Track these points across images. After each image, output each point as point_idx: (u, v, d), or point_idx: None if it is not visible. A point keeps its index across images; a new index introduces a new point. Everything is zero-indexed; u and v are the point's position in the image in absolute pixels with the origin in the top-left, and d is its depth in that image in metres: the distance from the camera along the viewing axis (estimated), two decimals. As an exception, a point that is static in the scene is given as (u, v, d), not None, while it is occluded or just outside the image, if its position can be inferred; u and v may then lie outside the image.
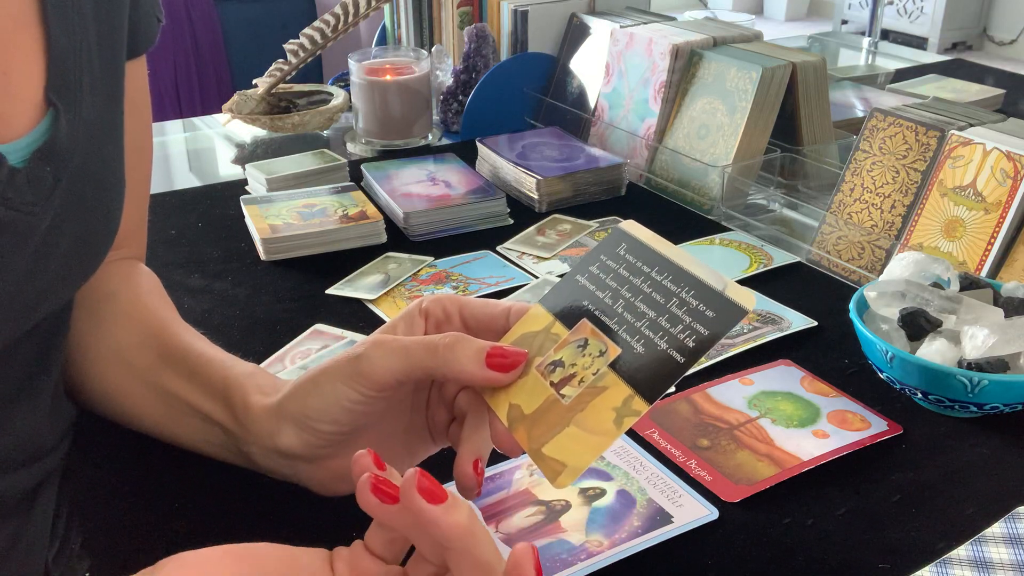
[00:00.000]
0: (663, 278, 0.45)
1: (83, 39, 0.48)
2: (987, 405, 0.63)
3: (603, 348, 0.44)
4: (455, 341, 0.45)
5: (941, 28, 4.58)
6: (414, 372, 0.46)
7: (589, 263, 0.48)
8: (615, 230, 0.49)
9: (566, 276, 0.49)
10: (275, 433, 0.50)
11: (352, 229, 0.93)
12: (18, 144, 0.44)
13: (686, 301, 0.43)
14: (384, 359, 0.46)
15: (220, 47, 2.91)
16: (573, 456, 0.41)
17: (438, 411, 0.51)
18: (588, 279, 0.48)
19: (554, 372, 0.45)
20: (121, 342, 0.58)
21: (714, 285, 0.43)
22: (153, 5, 0.58)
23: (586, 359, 0.44)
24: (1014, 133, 0.80)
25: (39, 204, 0.44)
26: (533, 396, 0.44)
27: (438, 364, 0.45)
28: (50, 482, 0.53)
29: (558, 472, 0.41)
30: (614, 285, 0.46)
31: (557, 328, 0.47)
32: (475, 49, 1.28)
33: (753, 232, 0.97)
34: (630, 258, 0.47)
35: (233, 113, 1.27)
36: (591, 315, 0.46)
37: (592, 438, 0.41)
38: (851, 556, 0.53)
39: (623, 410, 0.41)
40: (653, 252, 0.46)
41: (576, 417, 0.42)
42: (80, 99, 0.47)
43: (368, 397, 0.47)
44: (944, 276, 0.70)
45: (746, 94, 1.01)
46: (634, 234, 0.48)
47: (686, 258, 0.45)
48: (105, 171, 0.50)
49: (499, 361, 0.45)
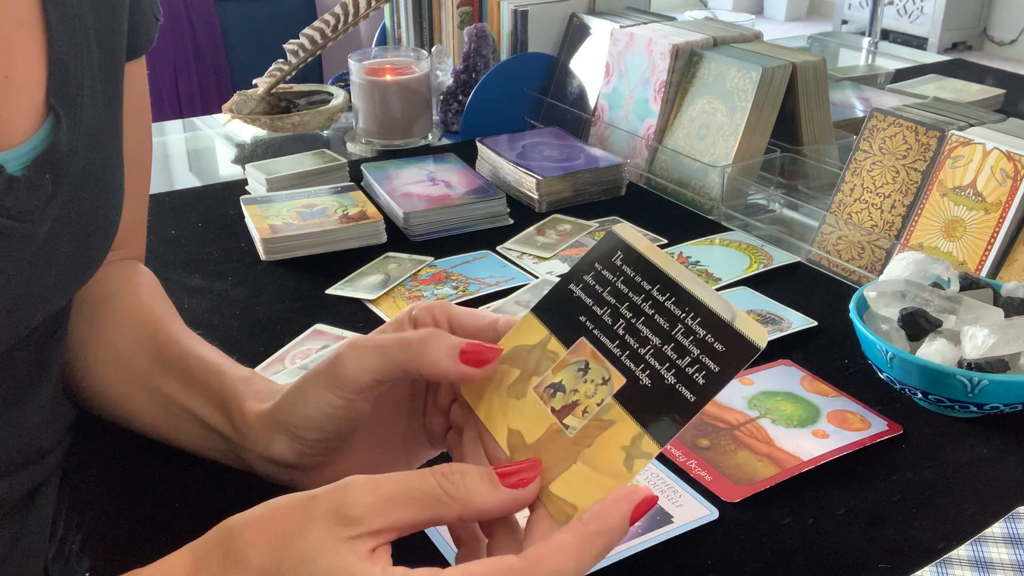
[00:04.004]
0: (665, 299, 0.42)
1: (83, 42, 0.48)
2: (987, 405, 0.63)
3: (606, 375, 0.42)
4: (429, 336, 0.44)
5: (941, 28, 4.58)
6: (389, 369, 0.45)
7: (583, 271, 0.46)
8: (608, 234, 0.47)
9: (558, 284, 0.47)
10: (269, 442, 0.50)
11: (352, 229, 0.93)
12: (18, 151, 0.44)
13: (692, 330, 0.41)
14: (358, 359, 0.45)
15: (220, 47, 2.91)
16: (582, 497, 0.39)
17: (434, 418, 0.50)
18: (584, 291, 0.45)
19: (554, 397, 0.42)
20: (119, 344, 0.58)
21: (722, 314, 0.40)
22: (152, 5, 0.58)
23: (589, 386, 0.42)
24: (1014, 133, 0.80)
25: (37, 212, 0.44)
26: (534, 423, 0.42)
27: (412, 358, 0.44)
28: (49, 483, 0.53)
29: (569, 515, 0.39)
30: (612, 301, 0.44)
31: (553, 345, 0.44)
32: (475, 49, 1.28)
33: (753, 232, 0.97)
34: (628, 271, 0.45)
35: (233, 113, 1.27)
36: (590, 334, 0.44)
37: (602, 479, 0.39)
38: (851, 556, 0.53)
39: (632, 450, 0.39)
40: (652, 267, 0.44)
41: (583, 453, 0.40)
42: (81, 103, 0.47)
43: (348, 400, 0.46)
44: (944, 276, 0.70)
45: (746, 94, 1.01)
46: (630, 242, 0.45)
47: (687, 277, 0.43)
48: (105, 176, 0.50)
49: (473, 357, 0.44)
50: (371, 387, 0.46)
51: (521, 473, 0.39)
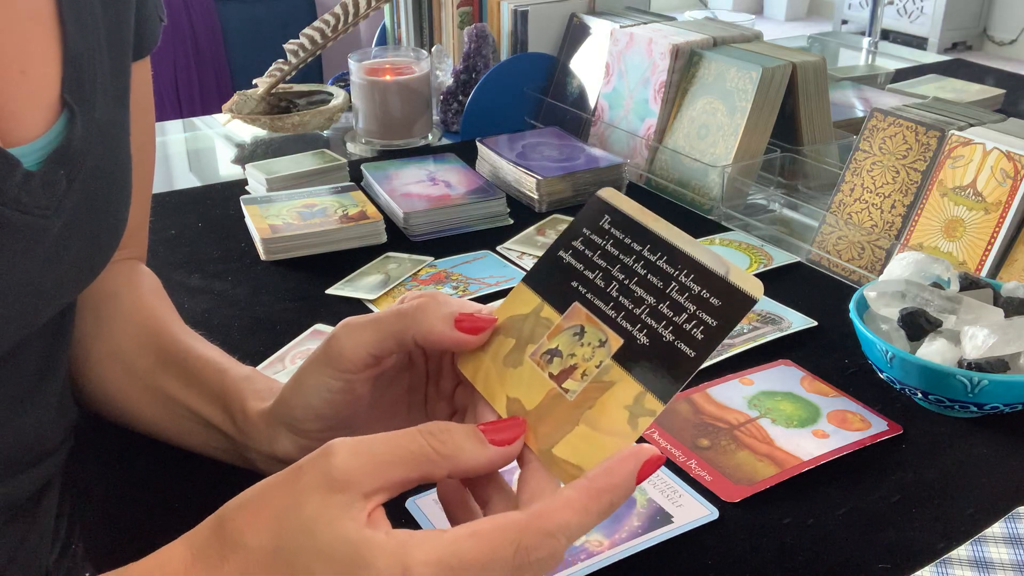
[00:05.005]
0: (657, 258, 0.42)
1: (96, 38, 0.48)
2: (987, 405, 0.63)
3: (602, 337, 0.41)
4: (424, 303, 0.44)
5: (941, 28, 4.58)
6: (385, 342, 0.44)
7: (572, 237, 0.45)
8: (593, 199, 0.46)
9: (547, 252, 0.46)
10: (272, 439, 0.50)
11: (352, 229, 0.93)
12: (33, 146, 0.44)
13: (687, 286, 0.40)
14: (352, 335, 0.45)
15: (220, 47, 2.91)
16: (587, 458, 0.39)
17: (437, 406, 0.50)
18: (573, 256, 0.44)
19: (551, 362, 0.42)
20: (121, 343, 0.58)
21: (716, 269, 0.40)
22: (156, 5, 0.58)
23: (585, 349, 0.41)
24: (1014, 133, 0.80)
25: (52, 207, 0.44)
26: (532, 389, 0.42)
27: (406, 326, 0.43)
28: (54, 483, 0.53)
29: (575, 477, 0.38)
30: (603, 264, 0.43)
31: (547, 312, 0.44)
32: (475, 49, 1.28)
33: (753, 232, 0.97)
34: (617, 233, 0.44)
35: (233, 113, 1.27)
36: (583, 298, 0.43)
37: (606, 439, 0.39)
38: (851, 556, 0.53)
39: (636, 409, 0.39)
40: (641, 227, 0.43)
41: (585, 415, 0.40)
42: (93, 100, 0.47)
43: (346, 381, 0.45)
44: (944, 276, 0.70)
45: (746, 94, 1.01)
46: (617, 205, 0.45)
47: (678, 235, 0.42)
48: (115, 172, 0.50)
49: (468, 324, 0.43)
50: (368, 364, 0.45)
51: (505, 431, 0.39)
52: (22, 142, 0.43)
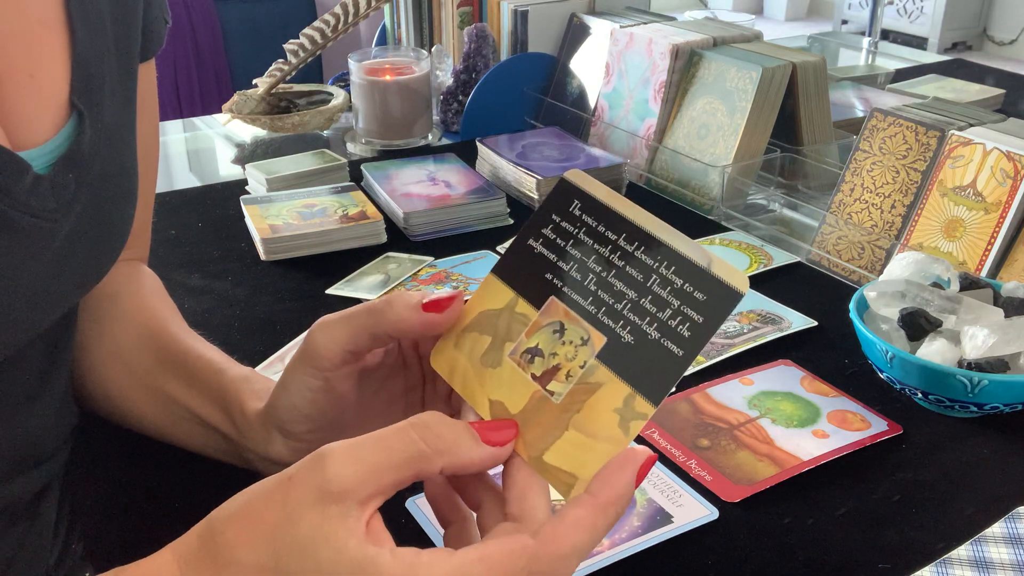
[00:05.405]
0: (634, 248, 0.40)
1: (104, 42, 0.48)
2: (987, 405, 0.63)
3: (584, 335, 0.39)
4: (393, 297, 0.44)
5: (941, 28, 4.58)
6: (358, 337, 0.44)
7: (541, 224, 0.42)
8: (560, 182, 0.43)
9: (516, 240, 0.43)
10: (267, 441, 0.50)
11: (352, 229, 0.93)
12: (42, 150, 0.44)
13: (668, 279, 0.38)
14: (327, 332, 0.45)
15: (220, 47, 2.91)
16: (581, 466, 0.37)
17: (434, 408, 0.50)
18: (544, 245, 0.42)
19: (533, 363, 0.40)
20: (121, 343, 0.58)
21: (697, 261, 0.38)
22: (161, 7, 0.58)
23: (568, 348, 0.39)
24: (1014, 133, 0.80)
25: (61, 211, 0.44)
26: (515, 392, 0.40)
27: (377, 320, 0.43)
28: (54, 485, 0.53)
29: (570, 485, 0.37)
30: (577, 254, 0.41)
31: (522, 307, 0.41)
32: (475, 49, 1.28)
33: (753, 232, 0.97)
34: (589, 220, 0.41)
35: (233, 113, 1.27)
36: (559, 292, 0.41)
37: (599, 445, 0.37)
38: (851, 556, 0.53)
39: (626, 412, 0.37)
40: (614, 214, 0.41)
41: (574, 419, 0.38)
42: (102, 103, 0.47)
43: (325, 380, 0.45)
44: (944, 276, 0.70)
45: (746, 94, 1.01)
46: (585, 189, 0.42)
47: (653, 222, 0.40)
48: (122, 175, 0.50)
49: (434, 305, 0.42)
50: (344, 360, 0.45)
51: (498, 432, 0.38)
52: (31, 145, 0.43)
